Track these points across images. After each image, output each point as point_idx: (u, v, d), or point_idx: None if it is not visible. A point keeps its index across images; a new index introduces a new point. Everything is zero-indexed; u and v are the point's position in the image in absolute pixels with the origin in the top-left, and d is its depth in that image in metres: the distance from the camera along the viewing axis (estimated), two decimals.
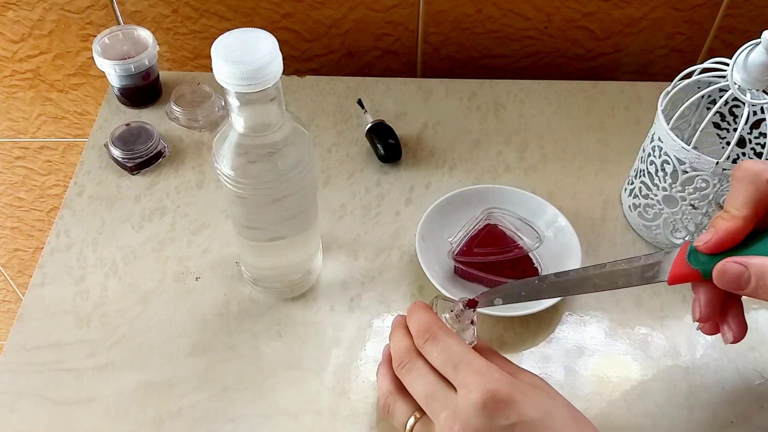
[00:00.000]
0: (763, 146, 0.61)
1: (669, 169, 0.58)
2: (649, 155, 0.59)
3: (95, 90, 0.85)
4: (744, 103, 0.53)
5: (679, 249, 0.41)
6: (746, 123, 0.56)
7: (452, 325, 0.47)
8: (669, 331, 0.58)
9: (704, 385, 0.54)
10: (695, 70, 0.58)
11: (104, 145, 0.69)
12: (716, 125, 0.65)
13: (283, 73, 0.44)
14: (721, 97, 0.55)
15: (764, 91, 0.54)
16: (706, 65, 0.57)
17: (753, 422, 0.52)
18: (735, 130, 0.62)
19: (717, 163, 0.54)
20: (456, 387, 0.40)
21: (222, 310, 0.58)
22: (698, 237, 0.39)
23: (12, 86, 0.85)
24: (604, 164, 0.70)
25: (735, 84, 0.53)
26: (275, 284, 0.58)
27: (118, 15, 0.78)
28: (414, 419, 0.43)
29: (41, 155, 0.94)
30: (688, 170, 0.56)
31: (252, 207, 0.51)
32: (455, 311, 0.48)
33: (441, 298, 0.49)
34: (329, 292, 0.60)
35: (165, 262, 0.62)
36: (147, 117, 0.73)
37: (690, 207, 0.58)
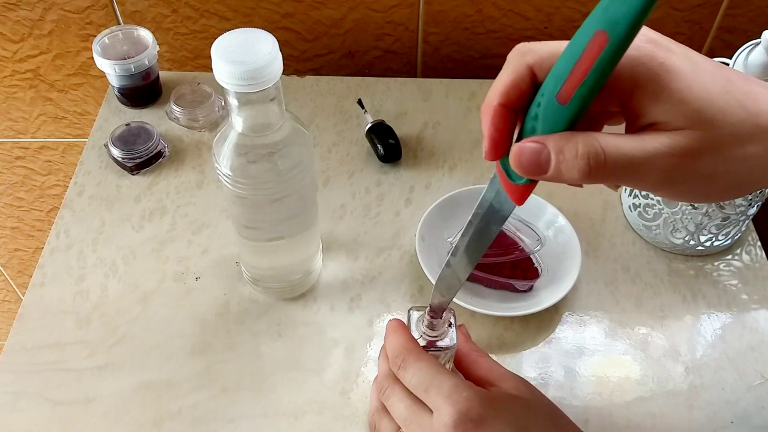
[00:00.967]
0: None
1: None
2: None
3: (95, 90, 0.85)
4: None
5: (492, 180, 0.37)
6: None
7: (430, 334, 0.47)
8: (669, 331, 0.58)
9: (704, 385, 0.54)
10: None
11: (104, 145, 0.69)
12: None
13: (283, 73, 0.44)
14: None
15: None
16: None
17: (753, 422, 0.52)
18: None
19: None
20: (431, 409, 0.41)
21: (222, 310, 0.58)
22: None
23: (12, 86, 0.85)
24: None
25: None
26: (275, 284, 0.58)
27: (118, 15, 0.78)
28: None
29: (41, 155, 0.94)
30: None
31: (252, 207, 0.51)
32: (426, 322, 0.47)
33: (414, 309, 0.49)
34: (329, 292, 0.60)
35: (165, 262, 0.62)
36: (147, 117, 0.73)
37: (690, 207, 0.58)
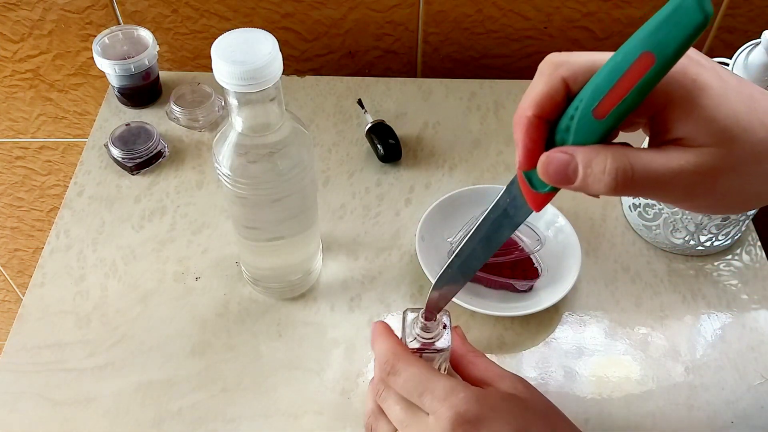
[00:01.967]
0: None
1: None
2: None
3: (95, 90, 0.85)
4: None
5: (512, 183, 0.37)
6: None
7: (424, 336, 0.47)
8: (669, 331, 0.58)
9: (704, 385, 0.54)
10: None
11: (104, 145, 0.69)
12: None
13: (283, 73, 0.44)
14: None
15: None
16: None
17: (753, 422, 0.52)
18: None
19: None
20: (427, 412, 0.40)
21: (222, 310, 0.58)
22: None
23: (12, 86, 0.85)
24: None
25: None
26: (275, 284, 0.58)
27: (118, 15, 0.78)
28: None
29: (41, 155, 0.94)
30: None
31: (252, 207, 0.51)
32: (420, 324, 0.47)
33: (409, 311, 0.49)
34: (329, 292, 0.60)
35: (165, 262, 0.62)
36: (147, 117, 0.73)
37: None
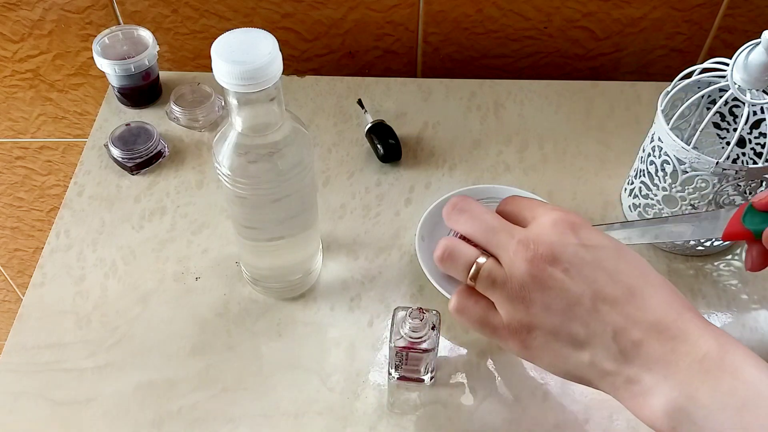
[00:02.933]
0: (763, 146, 0.61)
1: (669, 169, 0.58)
2: (649, 155, 0.59)
3: (95, 90, 0.85)
4: (744, 103, 0.53)
5: (738, 208, 0.43)
6: (746, 123, 0.56)
7: (412, 336, 0.48)
8: None
9: None
10: (695, 70, 0.58)
11: (104, 145, 0.69)
12: (716, 125, 0.65)
13: (283, 73, 0.44)
14: (721, 97, 0.55)
15: (764, 91, 0.54)
16: (706, 65, 0.57)
17: None
18: (735, 130, 0.62)
19: (717, 163, 0.54)
20: (523, 226, 0.38)
21: (222, 310, 0.58)
22: (757, 193, 0.40)
23: (12, 86, 0.85)
24: (604, 164, 0.70)
25: (735, 84, 0.53)
26: (275, 284, 0.58)
27: (118, 15, 0.78)
28: (485, 257, 0.39)
29: (41, 155, 0.94)
30: (688, 170, 0.56)
31: (252, 207, 0.51)
32: (409, 324, 0.47)
33: (400, 309, 0.49)
34: (329, 292, 0.60)
35: (165, 262, 0.62)
36: (147, 117, 0.73)
37: (690, 207, 0.58)
